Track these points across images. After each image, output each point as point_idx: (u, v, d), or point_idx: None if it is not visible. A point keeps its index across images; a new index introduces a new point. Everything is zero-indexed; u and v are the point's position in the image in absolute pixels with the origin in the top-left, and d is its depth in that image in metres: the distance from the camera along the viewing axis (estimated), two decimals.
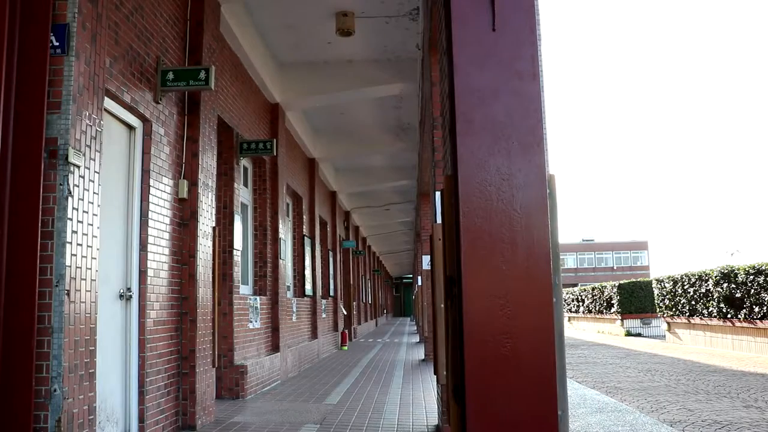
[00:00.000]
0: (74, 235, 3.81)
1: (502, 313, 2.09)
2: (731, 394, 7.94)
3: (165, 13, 5.66)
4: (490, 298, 2.09)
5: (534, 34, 2.23)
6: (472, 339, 2.07)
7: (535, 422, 2.04)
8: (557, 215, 2.24)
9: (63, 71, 3.83)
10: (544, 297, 2.10)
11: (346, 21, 7.97)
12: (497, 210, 2.14)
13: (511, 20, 2.22)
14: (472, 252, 2.12)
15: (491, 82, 2.20)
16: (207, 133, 6.30)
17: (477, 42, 2.22)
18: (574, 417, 6.31)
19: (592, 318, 26.10)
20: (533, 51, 2.22)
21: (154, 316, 5.26)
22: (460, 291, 2.11)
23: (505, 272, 2.11)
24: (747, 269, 13.30)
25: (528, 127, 2.18)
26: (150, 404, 5.10)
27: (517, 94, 2.19)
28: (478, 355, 2.07)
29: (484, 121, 2.18)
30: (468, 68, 2.21)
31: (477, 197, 2.14)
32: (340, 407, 6.95)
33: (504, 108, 2.19)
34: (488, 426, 2.04)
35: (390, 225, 25.52)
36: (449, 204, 2.33)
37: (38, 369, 3.60)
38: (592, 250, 72.61)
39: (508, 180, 2.15)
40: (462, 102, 2.19)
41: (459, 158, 2.16)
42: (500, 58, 2.21)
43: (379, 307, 36.58)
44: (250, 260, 9.28)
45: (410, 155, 14.35)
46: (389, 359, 13.16)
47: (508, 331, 2.08)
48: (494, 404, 2.05)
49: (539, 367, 2.06)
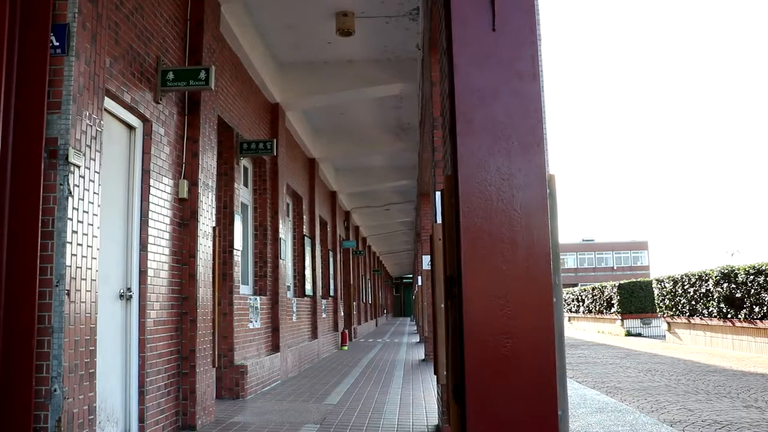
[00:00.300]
0: (74, 235, 3.81)
1: (502, 313, 2.09)
2: (731, 394, 7.94)
3: (165, 13, 5.66)
4: (490, 298, 2.09)
5: (534, 34, 2.23)
6: (472, 339, 2.07)
7: (535, 422, 2.04)
8: (557, 215, 2.24)
9: (63, 71, 3.83)
10: (544, 297, 2.10)
11: (346, 21, 7.97)
12: (497, 210, 2.14)
13: (511, 20, 2.22)
14: (472, 252, 2.12)
15: (491, 82, 2.20)
16: (207, 133, 6.30)
17: (477, 42, 2.22)
18: (574, 417, 6.31)
19: (592, 318, 26.10)
20: (533, 51, 2.22)
21: (154, 316, 5.26)
22: (460, 291, 2.11)
23: (505, 272, 2.11)
24: (747, 269, 13.29)
25: (528, 127, 2.18)
26: (150, 404, 5.10)
27: (517, 94, 2.19)
28: (478, 355, 2.07)
29: (484, 121, 2.18)
30: (468, 68, 2.21)
31: (477, 197, 2.14)
32: (340, 407, 6.95)
33: (504, 108, 2.19)
34: (488, 426, 2.04)
35: (390, 225, 25.52)
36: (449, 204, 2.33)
37: (38, 369, 3.60)
38: (592, 250, 72.60)
39: (508, 180, 2.15)
40: (462, 102, 2.19)
41: (459, 158, 2.16)
42: (500, 58, 2.21)
43: (379, 307, 36.58)
44: (250, 260, 9.28)
45: (410, 155, 14.35)
46: (389, 359, 13.16)
47: (508, 331, 2.08)
48: (494, 404, 2.05)
49: (539, 367, 2.06)
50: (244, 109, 8.40)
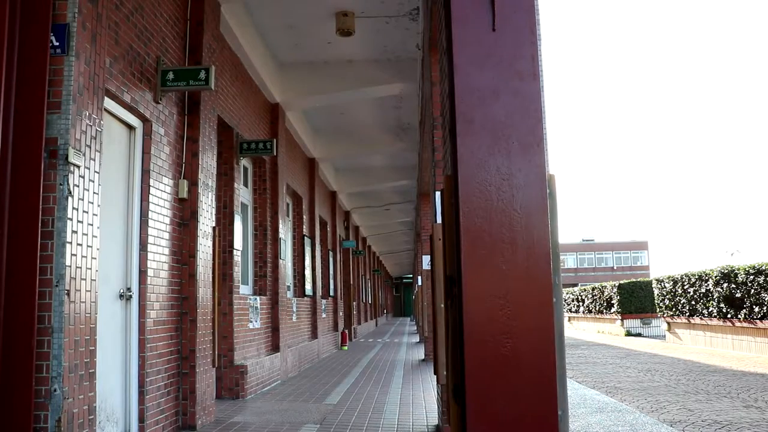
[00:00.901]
0: (74, 235, 3.81)
1: (502, 313, 2.09)
2: (731, 394, 7.94)
3: (165, 13, 5.66)
4: (490, 298, 2.09)
5: (534, 34, 2.23)
6: (472, 339, 2.07)
7: (535, 422, 2.04)
8: (557, 215, 2.24)
9: (63, 71, 3.83)
10: (544, 297, 2.09)
11: (346, 21, 7.97)
12: (497, 210, 2.14)
13: (511, 20, 2.22)
14: (472, 252, 2.12)
15: (491, 82, 2.20)
16: (207, 133, 6.30)
17: (477, 42, 2.22)
18: (574, 417, 6.31)
19: (592, 318, 26.10)
20: (533, 51, 2.22)
21: (154, 316, 5.26)
22: (460, 291, 2.11)
23: (505, 272, 2.11)
24: (747, 269, 13.29)
25: (528, 127, 2.17)
26: (150, 404, 5.10)
27: (517, 94, 2.19)
28: (478, 355, 2.07)
29: (484, 121, 2.18)
30: (468, 68, 2.21)
31: (477, 197, 2.14)
32: (340, 407, 6.95)
33: (504, 108, 2.19)
34: (488, 426, 2.04)
35: (390, 225, 25.52)
36: (449, 204, 2.33)
37: (38, 369, 3.60)
38: (592, 250, 72.60)
39: (508, 180, 2.15)
40: (462, 102, 2.19)
41: (459, 158, 2.16)
42: (500, 58, 2.21)
43: (379, 307, 36.58)
44: (250, 260, 9.28)
45: (410, 155, 14.35)
46: (389, 359, 13.16)
47: (508, 331, 2.08)
48: (494, 404, 2.05)
49: (539, 367, 2.05)
50: (244, 109, 8.40)
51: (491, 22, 2.21)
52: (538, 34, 2.29)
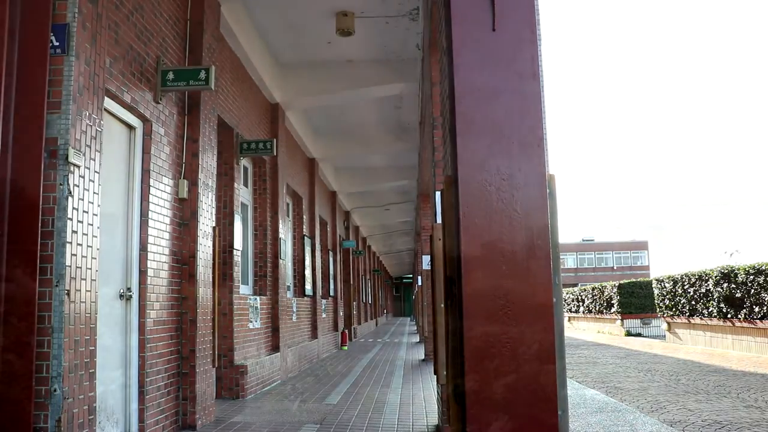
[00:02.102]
0: (74, 235, 3.81)
1: (502, 313, 2.09)
2: (731, 394, 7.94)
3: (165, 13, 5.66)
4: (490, 298, 2.09)
5: (534, 34, 2.22)
6: (472, 339, 2.07)
7: (535, 422, 2.04)
8: (557, 215, 2.24)
9: (63, 71, 3.83)
10: (544, 297, 2.09)
11: (346, 21, 7.97)
12: (497, 210, 2.14)
13: (511, 20, 2.22)
14: (472, 252, 2.12)
15: (491, 82, 2.20)
16: (207, 133, 6.30)
17: (477, 42, 2.22)
18: (574, 417, 6.31)
19: (592, 318, 26.10)
20: (533, 51, 2.22)
21: (154, 316, 5.26)
22: (460, 291, 2.11)
23: (505, 272, 2.11)
24: (747, 269, 13.29)
25: (528, 127, 2.17)
26: (150, 404, 5.10)
27: (517, 94, 2.19)
28: (478, 355, 2.07)
29: (484, 121, 2.18)
30: (468, 68, 2.20)
31: (477, 197, 2.14)
32: (340, 407, 6.95)
33: (504, 108, 2.19)
34: (488, 426, 2.04)
35: (390, 225, 25.51)
36: (449, 204, 2.33)
37: (38, 369, 3.60)
38: (592, 250, 72.57)
39: (508, 180, 2.15)
40: (462, 102, 2.19)
41: (459, 158, 2.16)
42: (500, 58, 2.21)
43: (379, 307, 36.58)
44: (250, 260, 9.28)
45: (410, 155, 14.35)
46: (389, 359, 13.16)
47: (508, 331, 2.08)
48: (494, 404, 2.05)
49: (539, 367, 2.05)
50: (244, 109, 8.40)
51: (491, 22, 2.21)
52: (538, 34, 2.29)
